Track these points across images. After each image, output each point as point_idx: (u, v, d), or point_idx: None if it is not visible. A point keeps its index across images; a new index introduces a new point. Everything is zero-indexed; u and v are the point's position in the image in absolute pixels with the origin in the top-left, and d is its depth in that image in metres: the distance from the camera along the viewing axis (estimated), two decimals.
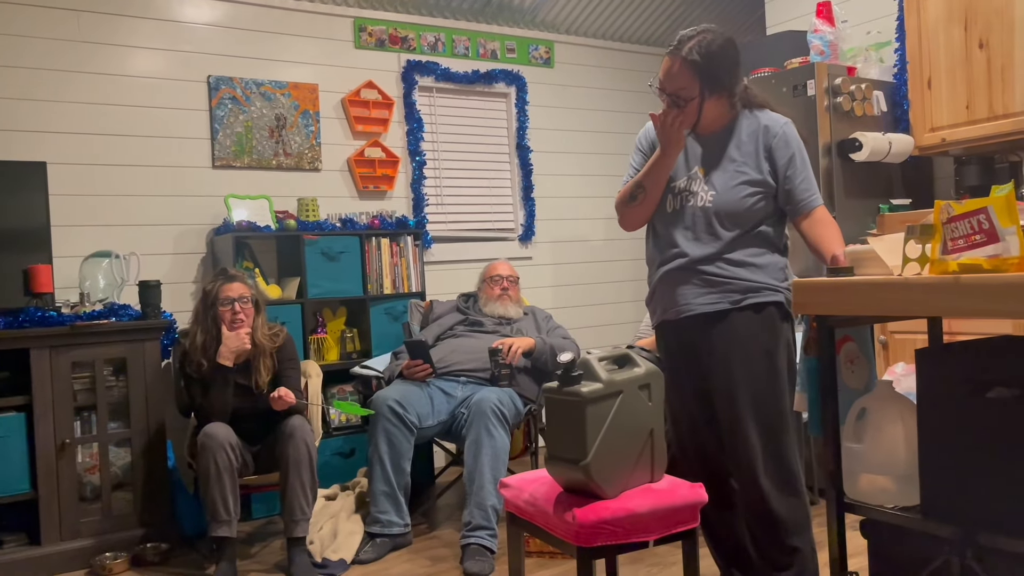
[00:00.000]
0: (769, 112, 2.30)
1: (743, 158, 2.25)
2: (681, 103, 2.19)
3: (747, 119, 2.28)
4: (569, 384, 1.87)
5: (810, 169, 2.27)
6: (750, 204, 2.24)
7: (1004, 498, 1.56)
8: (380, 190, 4.50)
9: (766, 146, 2.24)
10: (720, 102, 2.24)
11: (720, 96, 2.22)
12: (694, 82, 2.17)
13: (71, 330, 3.24)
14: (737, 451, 2.24)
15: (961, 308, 1.53)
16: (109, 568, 3.15)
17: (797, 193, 2.24)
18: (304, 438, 3.05)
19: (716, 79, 2.18)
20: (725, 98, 2.24)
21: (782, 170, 2.24)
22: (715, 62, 2.17)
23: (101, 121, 3.80)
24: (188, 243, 3.99)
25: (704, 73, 2.17)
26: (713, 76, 2.17)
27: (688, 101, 2.19)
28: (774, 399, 2.22)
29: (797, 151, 2.25)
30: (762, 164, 2.24)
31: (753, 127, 2.26)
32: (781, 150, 2.24)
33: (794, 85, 3.60)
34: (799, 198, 2.24)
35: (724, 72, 2.19)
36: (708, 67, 2.16)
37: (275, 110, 4.20)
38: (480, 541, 3.01)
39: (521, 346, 3.47)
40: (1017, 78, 3.22)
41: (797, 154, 2.24)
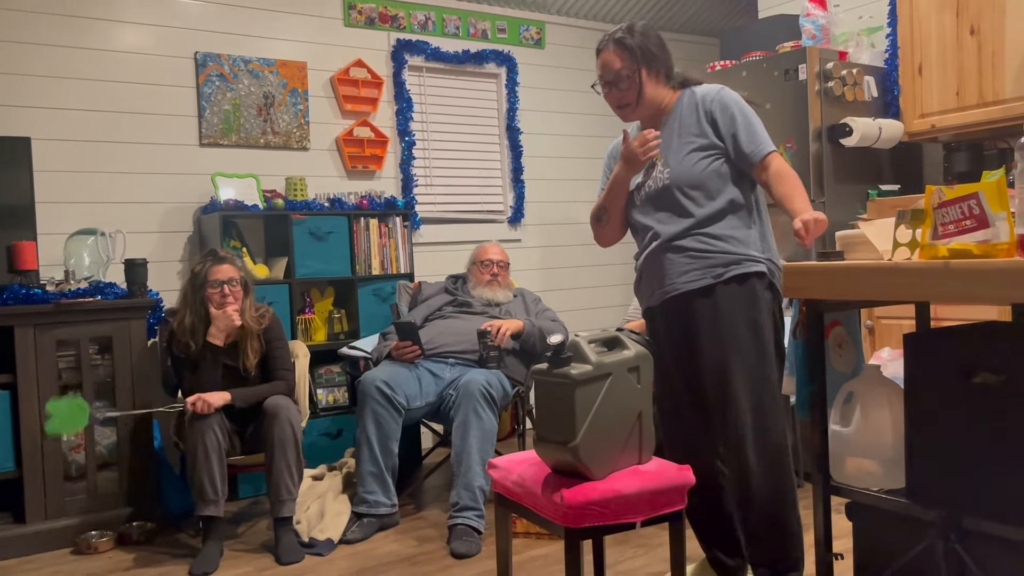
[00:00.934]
0: (704, 85, 2.36)
1: (687, 130, 2.29)
2: (623, 86, 2.29)
3: (686, 98, 2.33)
4: (559, 366, 1.87)
5: (755, 122, 2.27)
6: (704, 167, 2.25)
7: (988, 482, 1.57)
8: (369, 170, 4.47)
9: (706, 112, 2.28)
10: (659, 83, 2.32)
11: (657, 74, 2.31)
12: (630, 60, 2.28)
13: (56, 308, 3.21)
14: (727, 428, 2.23)
15: (950, 293, 1.53)
16: (94, 546, 3.15)
17: (743, 146, 2.24)
18: (289, 418, 3.05)
19: (649, 54, 2.29)
20: (663, 77, 2.32)
21: (725, 128, 2.26)
22: (643, 39, 2.29)
23: (87, 97, 3.75)
24: (174, 221, 3.95)
25: (637, 49, 2.28)
26: (645, 51, 2.28)
27: (629, 81, 2.28)
28: (762, 372, 2.20)
29: (736, 108, 2.27)
30: (705, 128, 2.28)
31: (691, 102, 2.32)
32: (719, 111, 2.27)
33: (785, 69, 3.59)
34: (746, 150, 2.24)
35: (654, 47, 2.30)
36: (638, 44, 2.28)
37: (263, 88, 4.15)
38: (467, 522, 3.02)
39: (509, 328, 3.47)
40: (1008, 65, 3.23)
41: (736, 110, 2.26)
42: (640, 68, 2.28)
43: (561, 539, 2.98)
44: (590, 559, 2.38)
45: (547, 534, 3.04)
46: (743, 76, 3.77)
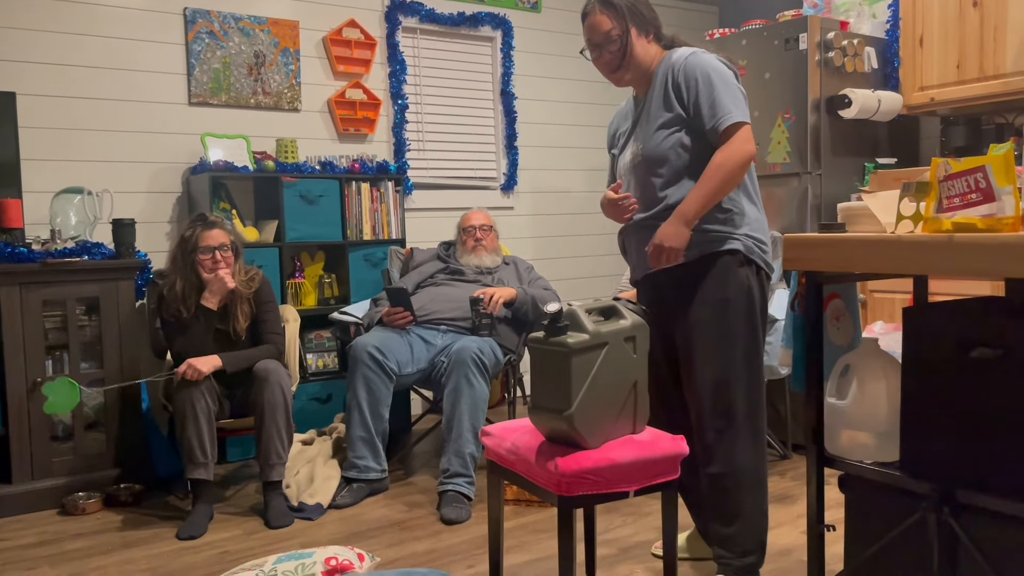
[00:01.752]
0: (680, 49, 2.24)
1: (656, 103, 2.21)
2: (613, 47, 2.21)
3: (662, 65, 2.23)
4: (555, 335, 1.86)
5: (721, 91, 2.11)
6: (670, 145, 2.17)
7: (983, 456, 1.57)
8: (361, 133, 4.41)
9: (673, 81, 2.18)
10: (648, 42, 2.24)
11: (647, 32, 2.23)
12: (618, 20, 2.20)
13: (42, 267, 3.16)
14: (692, 406, 2.24)
15: (953, 267, 1.52)
16: (82, 508, 3.13)
17: (705, 120, 2.12)
18: (280, 382, 3.03)
19: (636, 12, 2.21)
20: (652, 36, 2.24)
21: (689, 99, 2.15)
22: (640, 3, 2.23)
23: (73, 52, 3.67)
24: (163, 182, 3.89)
25: (624, 8, 2.20)
26: (633, 9, 2.21)
27: (618, 42, 2.20)
28: (728, 353, 2.17)
29: (700, 75, 2.13)
30: (671, 101, 2.18)
31: (664, 69, 2.22)
32: (683, 79, 2.16)
33: (786, 38, 3.54)
34: (707, 124, 2.12)
35: (642, 3, 2.23)
36: (625, 2, 2.20)
37: (254, 47, 4.07)
38: (457, 488, 3.02)
39: (502, 296, 3.45)
40: (1009, 39, 3.20)
41: (700, 78, 2.13)
42: (629, 27, 2.20)
43: (551, 506, 3.00)
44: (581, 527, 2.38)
45: (537, 501, 3.05)
46: (743, 44, 3.72)
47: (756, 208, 2.25)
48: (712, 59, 2.16)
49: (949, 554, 1.63)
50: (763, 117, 3.63)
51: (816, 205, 3.52)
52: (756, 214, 2.24)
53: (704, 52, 2.19)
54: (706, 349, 2.19)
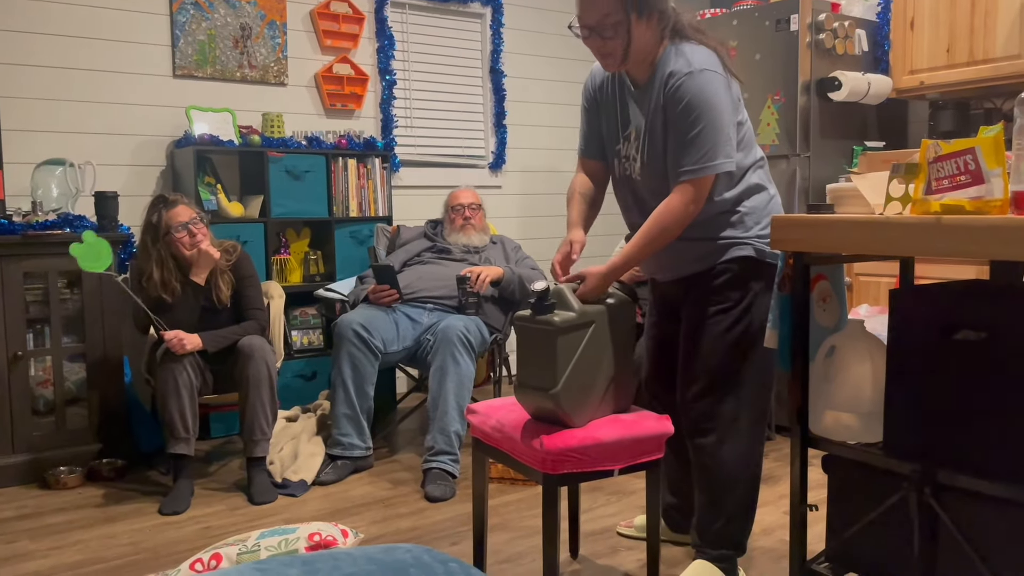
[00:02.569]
0: (687, 51, 1.96)
1: (652, 118, 2.02)
2: (608, 34, 1.94)
3: (659, 66, 1.99)
4: (542, 312, 1.85)
5: (698, 132, 1.91)
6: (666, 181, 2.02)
7: (964, 437, 1.58)
8: (348, 109, 4.37)
9: (666, 96, 1.97)
10: (649, 27, 1.96)
11: (649, 18, 1.94)
12: (617, 3, 1.91)
13: (23, 239, 3.12)
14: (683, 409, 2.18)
15: (941, 248, 1.52)
16: (63, 482, 3.12)
17: (670, 157, 1.97)
18: (265, 358, 3.01)
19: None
20: (653, 20, 1.96)
21: (669, 125, 1.97)
22: None
23: (56, 21, 3.60)
24: (147, 155, 3.84)
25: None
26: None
27: (615, 28, 1.93)
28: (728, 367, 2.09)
29: (684, 107, 1.92)
30: (661, 117, 2.00)
31: (662, 74, 1.97)
32: (671, 103, 1.95)
33: (777, 20, 3.53)
34: (670, 164, 1.97)
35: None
36: None
37: (240, 19, 4.01)
38: (442, 466, 3.02)
39: (489, 275, 3.44)
40: (1000, 24, 3.19)
41: (683, 110, 1.92)
42: (630, 13, 1.92)
43: (535, 485, 3.02)
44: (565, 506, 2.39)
45: (521, 479, 3.06)
46: (733, 25, 3.70)
47: (767, 195, 2.13)
48: (705, 81, 1.93)
49: (930, 534, 1.64)
50: (753, 98, 3.62)
51: (804, 187, 3.52)
52: (768, 205, 2.12)
53: (702, 69, 1.94)
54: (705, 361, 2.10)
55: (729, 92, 2.00)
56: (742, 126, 2.09)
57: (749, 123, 2.14)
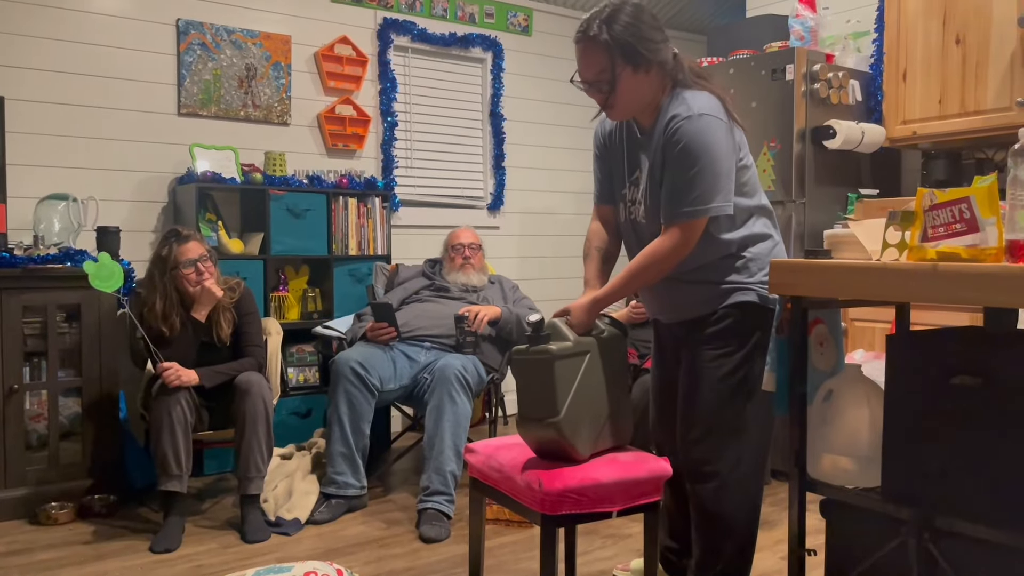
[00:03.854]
0: (688, 97, 1.98)
1: (654, 161, 2.04)
2: (604, 88, 1.98)
3: (662, 112, 2.01)
4: (538, 343, 1.88)
5: (699, 171, 1.92)
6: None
7: (963, 483, 1.59)
8: (349, 149, 4.42)
9: (665, 140, 1.99)
10: (648, 79, 1.99)
11: (640, 69, 1.96)
12: (608, 59, 1.95)
13: (23, 273, 3.13)
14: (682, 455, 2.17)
15: (937, 295, 1.54)
16: (54, 517, 3.08)
17: (663, 198, 1.98)
18: (262, 394, 3.01)
19: (632, 49, 1.94)
20: (651, 71, 1.98)
21: (667, 165, 1.98)
22: (627, 30, 1.94)
23: (64, 58, 3.66)
24: (149, 191, 3.87)
25: (617, 46, 1.94)
26: (627, 47, 1.93)
27: (609, 84, 1.97)
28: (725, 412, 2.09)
29: (682, 152, 1.94)
30: (661, 168, 2.02)
31: (664, 118, 2.00)
32: (669, 148, 1.97)
33: (773, 69, 3.60)
34: (663, 205, 1.98)
35: (635, 39, 1.94)
36: (619, 37, 1.93)
37: (245, 60, 4.08)
38: (437, 506, 3.00)
39: (487, 314, 3.45)
40: (991, 75, 3.27)
41: (679, 154, 1.94)
42: (621, 68, 1.95)
43: (530, 527, 3.00)
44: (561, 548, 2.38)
45: (516, 521, 3.04)
46: (730, 73, 3.77)
47: (772, 243, 2.14)
48: (705, 125, 1.94)
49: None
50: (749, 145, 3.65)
51: (800, 233, 3.56)
52: (772, 251, 2.13)
53: (702, 114, 1.95)
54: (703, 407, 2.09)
55: (730, 137, 2.02)
56: (747, 170, 2.12)
57: (755, 168, 2.17)
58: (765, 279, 2.09)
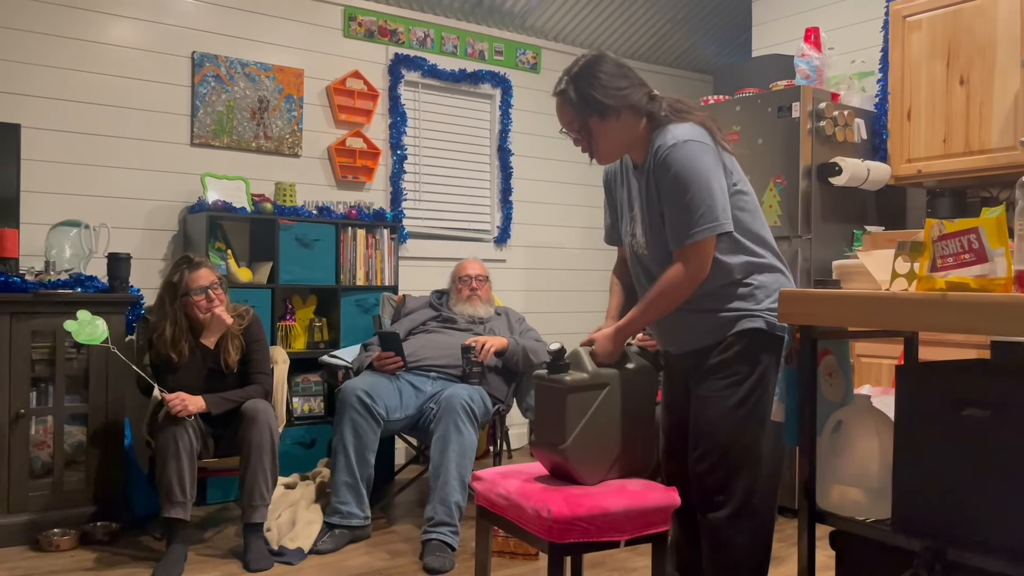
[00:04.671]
0: (672, 128, 2.03)
1: (650, 195, 2.08)
2: (581, 137, 2.09)
3: (653, 140, 2.06)
4: (555, 371, 1.90)
5: (689, 198, 1.95)
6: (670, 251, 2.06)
7: (974, 514, 1.58)
8: (359, 181, 4.47)
9: (655, 171, 2.03)
10: (621, 123, 2.06)
11: (609, 116, 2.04)
12: (574, 113, 2.06)
13: (34, 297, 3.15)
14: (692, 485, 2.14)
15: (946, 324, 1.55)
16: (56, 544, 3.06)
17: (667, 231, 2.02)
18: (268, 422, 3.00)
19: (595, 101, 2.03)
20: (621, 116, 2.05)
21: (661, 196, 2.02)
22: (588, 84, 2.03)
23: (81, 88, 3.72)
24: (160, 219, 3.91)
25: (580, 100, 2.04)
26: (590, 99, 2.03)
27: (580, 133, 2.08)
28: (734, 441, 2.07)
29: (673, 176, 1.97)
30: (654, 192, 2.06)
31: (651, 153, 2.05)
32: (659, 174, 2.01)
33: (779, 107, 3.65)
34: (668, 234, 2.01)
35: (598, 89, 2.02)
36: (581, 92, 2.03)
37: (258, 92, 4.14)
38: (442, 537, 2.98)
39: (494, 345, 3.46)
40: (995, 115, 3.31)
41: (671, 180, 1.98)
42: (589, 119, 2.04)
43: (534, 559, 2.97)
44: None
45: (521, 553, 3.01)
46: (736, 110, 3.82)
47: (778, 273, 2.15)
48: (690, 151, 1.98)
49: None
50: (755, 181, 3.70)
51: (806, 268, 3.58)
52: (778, 280, 2.13)
53: (686, 140, 2.00)
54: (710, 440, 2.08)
55: (717, 159, 2.04)
56: (743, 195, 2.11)
57: (754, 197, 2.16)
58: (772, 306, 2.09)
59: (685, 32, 5.47)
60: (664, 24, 5.36)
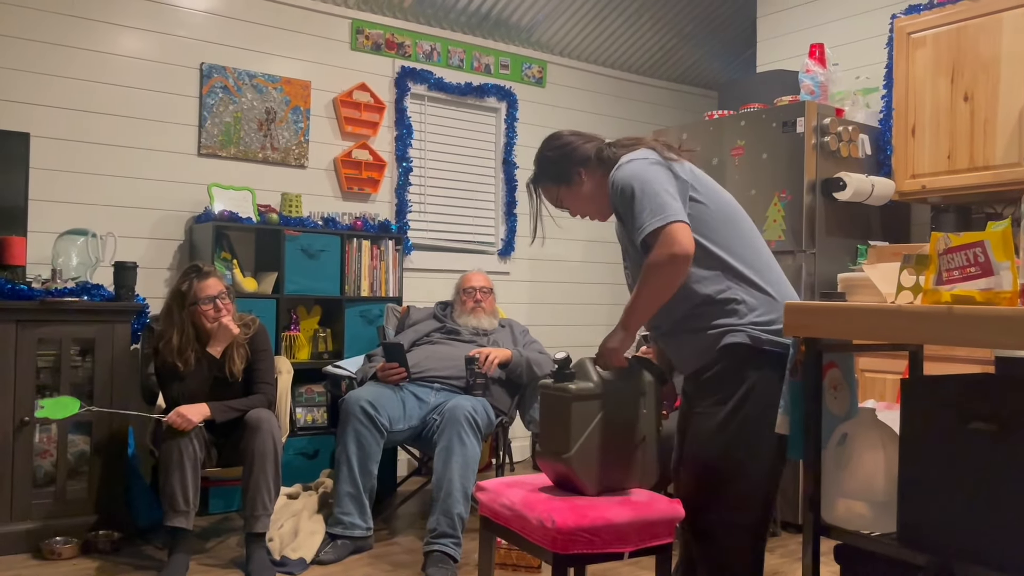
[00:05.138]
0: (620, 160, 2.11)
1: (620, 226, 2.14)
2: (560, 206, 2.26)
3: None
4: (560, 380, 1.91)
5: (637, 202, 1.98)
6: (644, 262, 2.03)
7: (979, 529, 1.58)
8: (364, 192, 4.48)
9: (614, 203, 2.10)
10: (587, 179, 2.18)
11: (573, 182, 2.19)
12: (545, 189, 2.25)
13: (40, 305, 3.17)
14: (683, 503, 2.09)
15: (952, 337, 1.55)
16: (58, 552, 3.06)
17: (629, 233, 2.03)
18: (272, 432, 3.00)
19: (553, 174, 2.22)
20: (582, 174, 2.18)
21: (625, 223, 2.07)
22: (543, 163, 2.23)
23: (89, 98, 3.75)
24: (166, 228, 3.93)
25: (544, 179, 2.23)
26: (550, 174, 2.22)
27: (561, 202, 2.24)
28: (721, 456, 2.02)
29: (620, 192, 2.03)
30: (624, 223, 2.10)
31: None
32: (614, 197, 2.07)
33: (783, 121, 3.66)
34: (632, 237, 2.02)
35: (553, 165, 2.21)
36: (542, 172, 2.23)
37: (266, 103, 4.17)
38: (444, 549, 2.97)
39: (498, 357, 3.46)
40: (999, 132, 3.32)
41: (620, 195, 2.03)
42: (559, 191, 2.21)
43: (538, 571, 2.96)
44: None
45: (524, 565, 3.00)
46: (741, 125, 3.84)
47: (764, 292, 2.06)
48: (631, 166, 2.04)
49: None
50: (760, 195, 3.72)
51: (810, 283, 3.58)
52: (763, 298, 2.05)
53: (629, 160, 2.06)
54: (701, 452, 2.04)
55: (664, 169, 2.04)
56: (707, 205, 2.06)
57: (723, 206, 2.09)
58: (756, 320, 2.02)
59: (690, 47, 5.50)
60: (669, 39, 5.39)
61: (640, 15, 5.15)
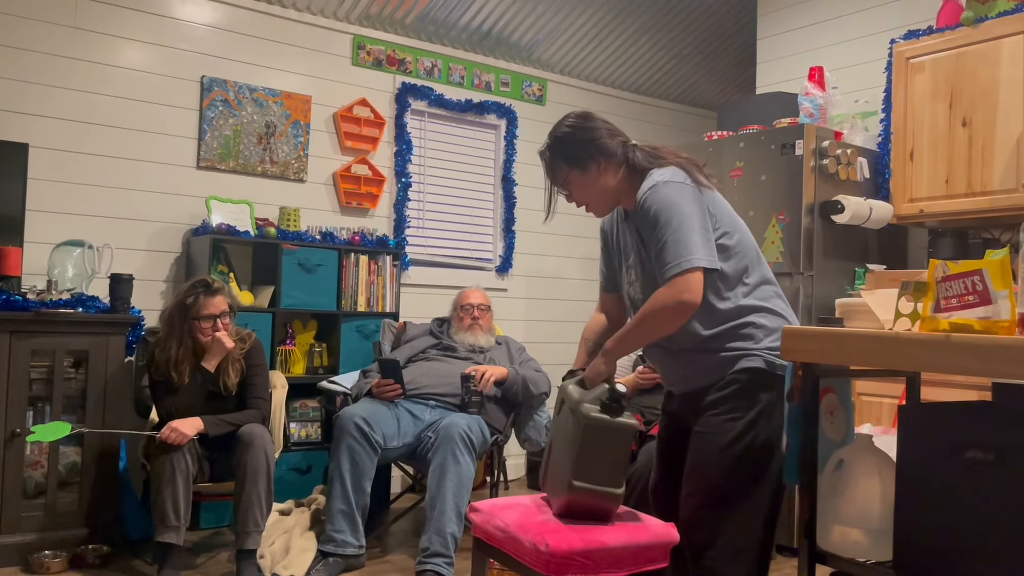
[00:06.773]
0: (654, 173, 2.08)
1: (639, 239, 2.12)
2: (563, 191, 2.18)
3: (640, 188, 2.09)
4: (615, 414, 1.90)
5: (671, 234, 1.96)
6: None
7: (975, 558, 1.57)
8: (363, 207, 4.48)
9: (640, 218, 2.07)
10: (601, 172, 2.12)
11: (597, 167, 2.11)
12: (556, 172, 2.15)
13: (35, 316, 3.15)
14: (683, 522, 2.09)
15: (949, 365, 1.55)
16: (46, 566, 3.03)
17: (655, 268, 2.01)
18: (264, 447, 2.99)
19: (570, 155, 2.12)
20: (600, 165, 2.11)
21: (647, 239, 2.05)
22: (563, 143, 2.13)
23: (89, 109, 3.75)
24: (164, 241, 3.92)
25: (558, 156, 2.13)
26: (567, 154, 2.12)
27: (566, 187, 2.16)
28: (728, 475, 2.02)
29: (652, 218, 2.00)
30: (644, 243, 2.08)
31: (637, 198, 2.08)
32: (643, 221, 2.04)
33: (782, 144, 3.67)
34: (657, 274, 2.00)
35: (575, 146, 2.11)
36: (559, 149, 2.13)
37: (266, 117, 4.17)
38: (436, 568, 2.95)
39: (494, 375, 3.45)
40: (997, 157, 3.33)
41: (652, 222, 2.00)
42: (569, 173, 2.12)
43: None
44: None
45: None
46: (740, 146, 3.85)
47: (776, 315, 2.10)
48: (668, 191, 2.01)
49: None
50: (758, 217, 3.73)
51: (808, 305, 3.58)
52: (777, 321, 2.09)
53: (666, 181, 2.03)
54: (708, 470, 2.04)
55: (699, 201, 2.03)
56: (730, 235, 2.08)
57: (743, 236, 2.12)
58: (772, 345, 2.06)
59: (690, 68, 5.52)
60: (669, 60, 5.42)
61: (640, 35, 5.17)
